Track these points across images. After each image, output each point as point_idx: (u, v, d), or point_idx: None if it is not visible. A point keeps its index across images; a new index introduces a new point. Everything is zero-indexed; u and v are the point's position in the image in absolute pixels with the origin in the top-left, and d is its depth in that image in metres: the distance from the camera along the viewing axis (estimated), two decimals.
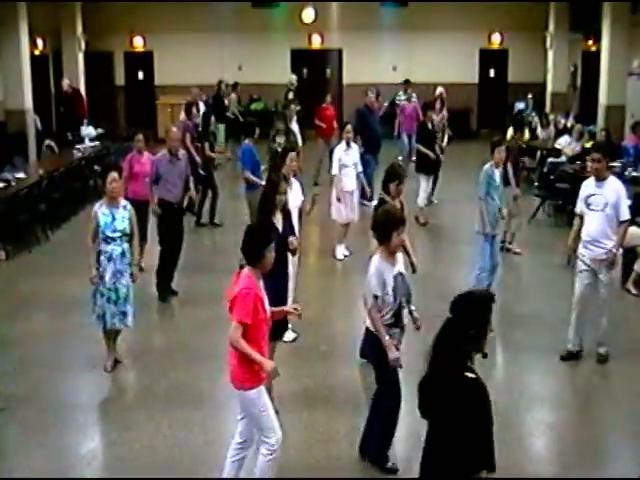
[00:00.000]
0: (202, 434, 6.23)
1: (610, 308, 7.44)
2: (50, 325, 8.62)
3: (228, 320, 5.02)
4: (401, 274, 5.51)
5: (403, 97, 18.90)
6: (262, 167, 10.44)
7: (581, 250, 7.34)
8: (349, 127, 11.22)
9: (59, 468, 5.80)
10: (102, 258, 7.20)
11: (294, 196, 8.13)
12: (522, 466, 5.77)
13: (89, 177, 15.03)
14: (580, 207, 7.41)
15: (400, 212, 5.52)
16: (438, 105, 14.89)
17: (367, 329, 5.69)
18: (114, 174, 7.25)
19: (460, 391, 3.72)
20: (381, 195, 7.34)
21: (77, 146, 15.94)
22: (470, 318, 3.75)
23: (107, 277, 7.21)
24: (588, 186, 7.42)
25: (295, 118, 14.28)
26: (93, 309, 7.31)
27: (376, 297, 5.37)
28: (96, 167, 15.37)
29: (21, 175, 12.70)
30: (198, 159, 12.48)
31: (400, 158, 16.26)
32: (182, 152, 9.67)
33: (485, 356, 3.85)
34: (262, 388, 4.99)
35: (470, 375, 3.72)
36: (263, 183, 9.77)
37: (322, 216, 11.49)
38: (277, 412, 5.73)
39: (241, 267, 5.02)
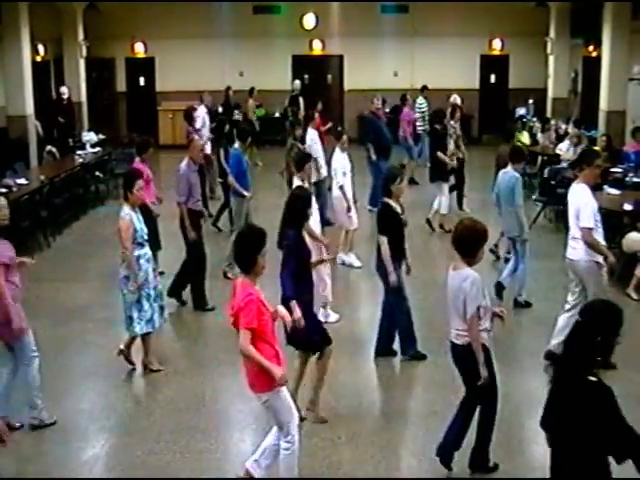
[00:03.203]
0: (204, 440, 6.25)
1: None
2: (52, 332, 8.62)
3: (230, 327, 5.07)
4: None
5: (424, 103, 18.63)
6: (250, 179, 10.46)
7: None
8: (345, 137, 11.21)
9: (60, 473, 5.83)
10: (142, 262, 7.25)
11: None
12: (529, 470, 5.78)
13: (90, 183, 15.07)
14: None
15: (485, 227, 5.48)
16: (458, 114, 14.75)
17: (460, 346, 5.49)
18: (141, 181, 7.41)
19: (583, 394, 3.76)
20: (384, 200, 7.43)
21: (78, 152, 15.98)
22: (598, 324, 3.82)
23: (150, 277, 7.35)
24: (592, 196, 7.38)
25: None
26: (140, 316, 7.27)
27: (479, 308, 5.31)
28: (97, 173, 15.44)
29: (22, 181, 12.71)
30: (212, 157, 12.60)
31: (416, 162, 16.31)
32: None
33: (613, 367, 3.90)
34: (283, 389, 5.10)
35: (592, 378, 3.77)
36: (246, 193, 9.98)
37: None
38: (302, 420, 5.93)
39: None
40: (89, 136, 16.86)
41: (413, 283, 8.45)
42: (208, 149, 14.70)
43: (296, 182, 8.55)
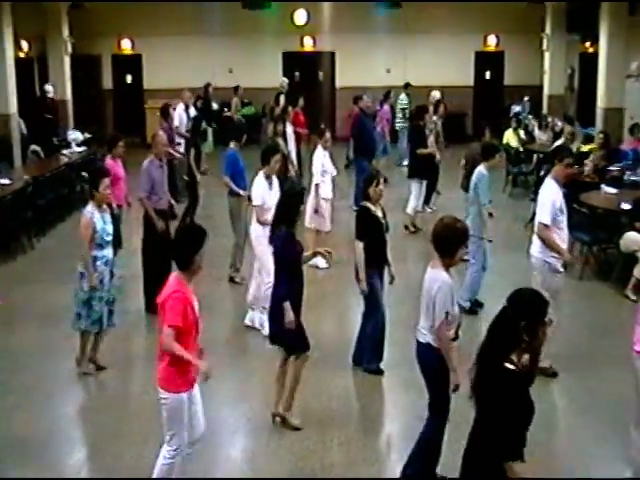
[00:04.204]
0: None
1: None
2: (37, 335, 8.63)
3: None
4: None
5: (405, 100, 18.85)
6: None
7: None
8: (328, 135, 11.24)
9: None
10: (99, 263, 7.31)
11: (274, 196, 8.30)
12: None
13: (76, 183, 15.04)
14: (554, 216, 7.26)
15: (466, 226, 5.47)
16: (442, 109, 14.83)
17: (426, 345, 5.43)
18: (108, 180, 7.43)
19: (496, 381, 3.87)
20: (363, 204, 7.39)
21: (64, 151, 15.96)
22: (523, 309, 3.92)
23: (105, 280, 7.38)
24: (558, 192, 7.35)
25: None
26: (88, 314, 7.37)
27: (447, 314, 5.25)
28: (83, 173, 15.40)
29: (6, 181, 12.66)
30: (177, 157, 12.53)
31: (406, 162, 16.32)
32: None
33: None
34: (183, 395, 5.05)
35: (509, 366, 3.86)
36: (242, 192, 9.93)
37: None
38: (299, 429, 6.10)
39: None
40: (75, 135, 16.81)
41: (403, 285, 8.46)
42: (182, 148, 14.72)
43: (258, 178, 8.53)
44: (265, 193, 8.43)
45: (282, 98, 17.12)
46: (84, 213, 7.33)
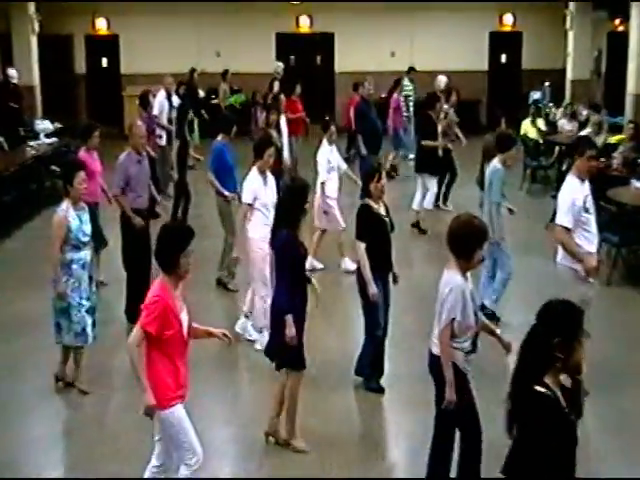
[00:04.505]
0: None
1: None
2: (1, 348, 8.59)
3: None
4: (472, 291, 5.45)
5: (410, 86, 18.86)
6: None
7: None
8: (333, 128, 11.24)
9: None
10: (75, 267, 7.28)
11: (271, 192, 8.40)
12: None
13: (45, 178, 15.01)
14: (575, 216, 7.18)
15: (484, 225, 5.48)
16: (454, 97, 14.85)
17: (433, 355, 5.49)
18: (83, 174, 7.40)
19: (527, 407, 3.81)
20: (364, 201, 7.36)
21: (31, 143, 15.92)
22: (556, 324, 3.85)
23: (84, 286, 7.35)
24: (580, 190, 7.24)
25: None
26: (69, 327, 7.34)
27: (453, 321, 5.27)
28: (53, 167, 15.37)
29: None
30: (153, 154, 12.51)
31: (412, 156, 16.32)
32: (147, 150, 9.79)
33: (585, 393, 3.93)
34: (179, 407, 5.07)
35: (539, 388, 3.79)
36: (226, 193, 9.90)
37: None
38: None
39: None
40: (43, 125, 16.77)
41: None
42: (163, 141, 14.77)
43: (252, 173, 8.50)
44: (259, 189, 8.41)
45: (276, 84, 17.14)
46: (57, 211, 7.31)
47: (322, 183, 10.80)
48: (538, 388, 3.80)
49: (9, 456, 6.50)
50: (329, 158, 11.01)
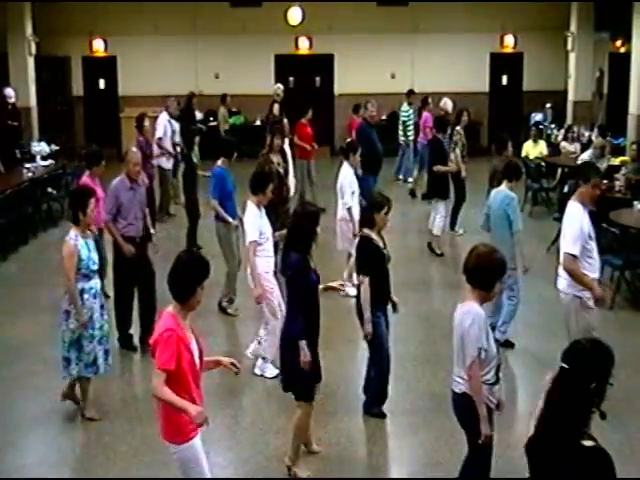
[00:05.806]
0: None
1: None
2: None
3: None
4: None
5: (409, 111, 18.87)
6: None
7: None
8: (358, 157, 11.26)
9: None
10: (87, 296, 7.22)
11: (267, 223, 8.45)
12: None
13: (41, 201, 14.99)
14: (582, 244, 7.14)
15: (503, 257, 5.45)
16: (466, 118, 14.87)
17: (462, 395, 5.40)
18: (94, 201, 7.36)
19: (577, 463, 3.57)
20: (364, 233, 7.31)
21: (27, 165, 15.89)
22: (591, 369, 3.68)
23: (95, 316, 7.29)
24: (585, 216, 7.20)
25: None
26: (79, 357, 7.26)
27: (480, 350, 5.21)
28: (50, 190, 15.36)
29: None
30: (147, 182, 12.48)
31: (410, 179, 16.27)
32: (142, 177, 9.66)
33: (603, 417, 3.72)
34: (195, 441, 5.01)
35: (587, 443, 3.58)
36: (230, 220, 9.90)
37: None
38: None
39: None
40: (40, 147, 16.76)
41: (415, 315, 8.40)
42: (167, 164, 14.81)
43: (251, 210, 8.37)
44: (262, 223, 8.37)
45: (276, 107, 17.12)
46: (67, 240, 7.18)
47: (349, 208, 10.73)
48: (587, 443, 3.57)
49: None
50: (351, 183, 10.96)
